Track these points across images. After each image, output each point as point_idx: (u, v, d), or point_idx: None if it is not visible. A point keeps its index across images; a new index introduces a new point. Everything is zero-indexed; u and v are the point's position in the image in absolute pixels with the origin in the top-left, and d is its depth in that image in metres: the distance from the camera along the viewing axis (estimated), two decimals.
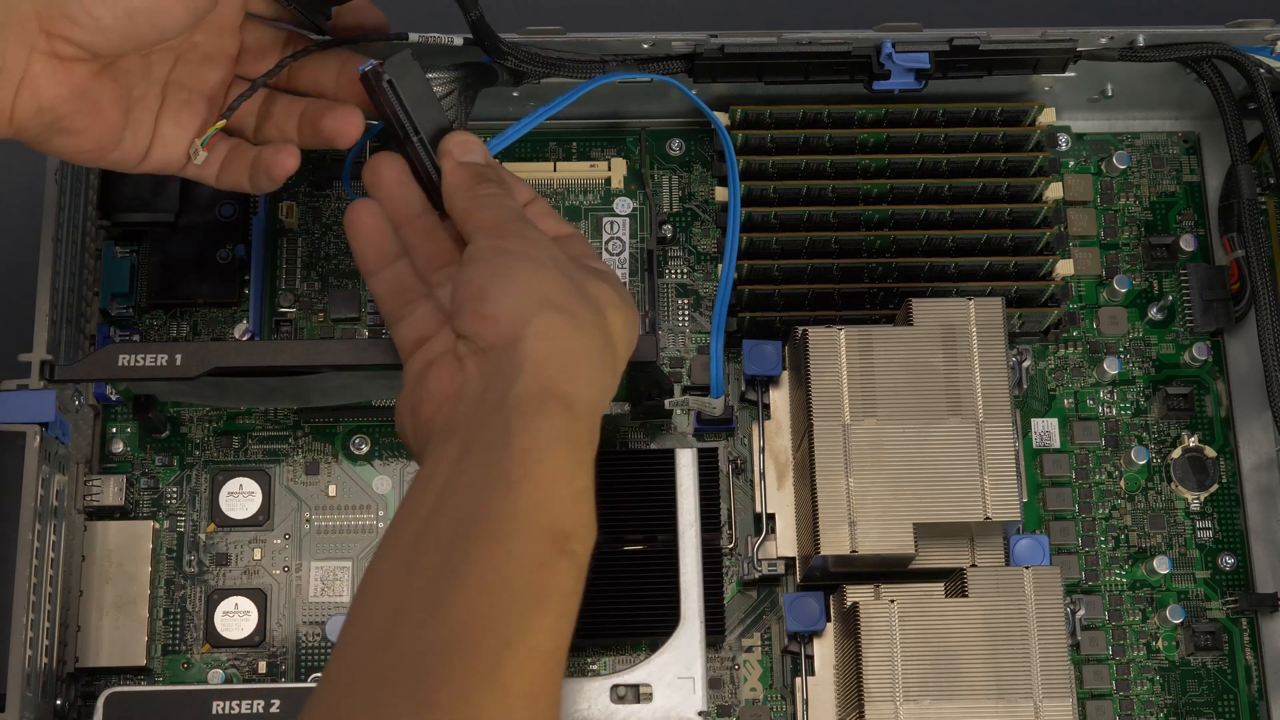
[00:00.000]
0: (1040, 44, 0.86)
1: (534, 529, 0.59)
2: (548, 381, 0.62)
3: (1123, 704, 0.85)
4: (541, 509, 0.60)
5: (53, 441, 0.80)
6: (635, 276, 0.90)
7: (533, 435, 0.61)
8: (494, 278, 0.65)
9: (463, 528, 0.59)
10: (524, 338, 0.63)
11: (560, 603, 0.60)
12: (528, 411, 0.61)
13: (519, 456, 0.60)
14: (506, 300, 0.64)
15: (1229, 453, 0.89)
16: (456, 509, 0.60)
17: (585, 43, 0.84)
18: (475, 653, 0.57)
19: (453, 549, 0.59)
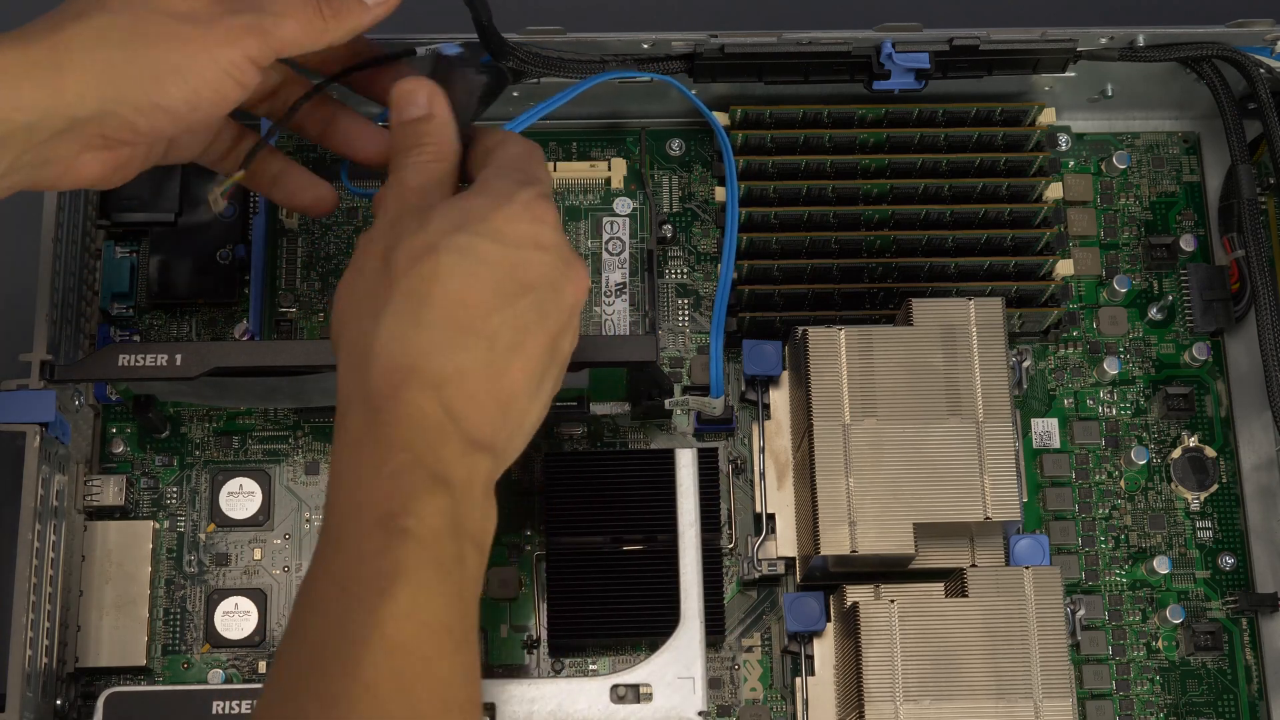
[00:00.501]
0: (1040, 44, 0.86)
1: (359, 527, 0.60)
2: (349, 390, 0.64)
3: (1123, 704, 0.85)
4: (361, 506, 0.61)
5: (53, 441, 0.80)
6: (635, 276, 0.90)
7: (342, 446, 0.63)
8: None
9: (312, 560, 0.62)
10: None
11: (409, 586, 0.59)
12: (339, 428, 0.64)
13: (337, 470, 0.63)
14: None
15: (1229, 453, 0.89)
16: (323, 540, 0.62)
17: (585, 43, 0.84)
18: (332, 658, 0.58)
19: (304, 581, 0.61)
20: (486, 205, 0.66)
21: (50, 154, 0.67)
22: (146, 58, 0.66)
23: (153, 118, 0.67)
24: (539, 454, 0.87)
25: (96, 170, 0.69)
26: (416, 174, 0.70)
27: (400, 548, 0.59)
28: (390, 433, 0.62)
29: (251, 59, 0.68)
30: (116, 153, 0.69)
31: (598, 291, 0.90)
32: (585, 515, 0.82)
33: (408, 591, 0.59)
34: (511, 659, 0.84)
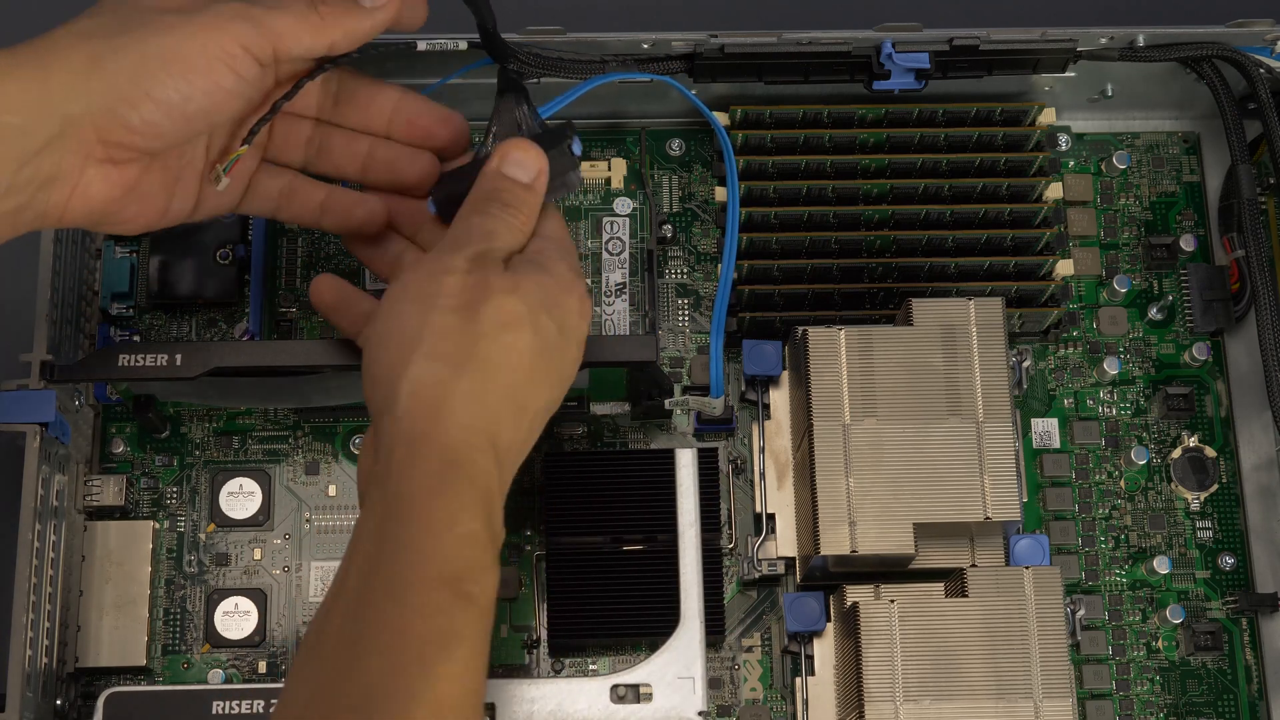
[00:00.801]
0: (1040, 44, 0.86)
1: (424, 580, 0.61)
2: (419, 432, 0.63)
3: (1123, 704, 0.85)
4: (427, 559, 0.61)
5: (53, 441, 0.80)
6: (635, 276, 0.90)
7: (409, 488, 0.62)
8: (382, 332, 0.66)
9: (360, 591, 0.61)
10: (398, 396, 0.64)
11: (464, 648, 0.61)
12: (403, 466, 0.63)
13: (400, 512, 0.62)
14: (385, 357, 0.66)
15: (1229, 453, 0.89)
16: (355, 574, 0.62)
17: (585, 43, 0.84)
18: (384, 712, 0.58)
19: (352, 614, 0.61)
20: (561, 290, 0.69)
21: (51, 168, 0.65)
22: (132, 47, 0.66)
23: (145, 111, 0.66)
24: (539, 454, 0.87)
25: (104, 189, 0.68)
26: (508, 233, 0.70)
27: (463, 613, 0.61)
28: (466, 494, 0.63)
29: (244, 47, 0.67)
30: (123, 169, 0.68)
31: (598, 291, 0.90)
32: (585, 515, 0.82)
33: (463, 655, 0.60)
34: (511, 659, 0.84)
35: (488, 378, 0.65)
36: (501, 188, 0.71)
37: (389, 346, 0.66)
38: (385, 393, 0.65)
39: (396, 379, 0.65)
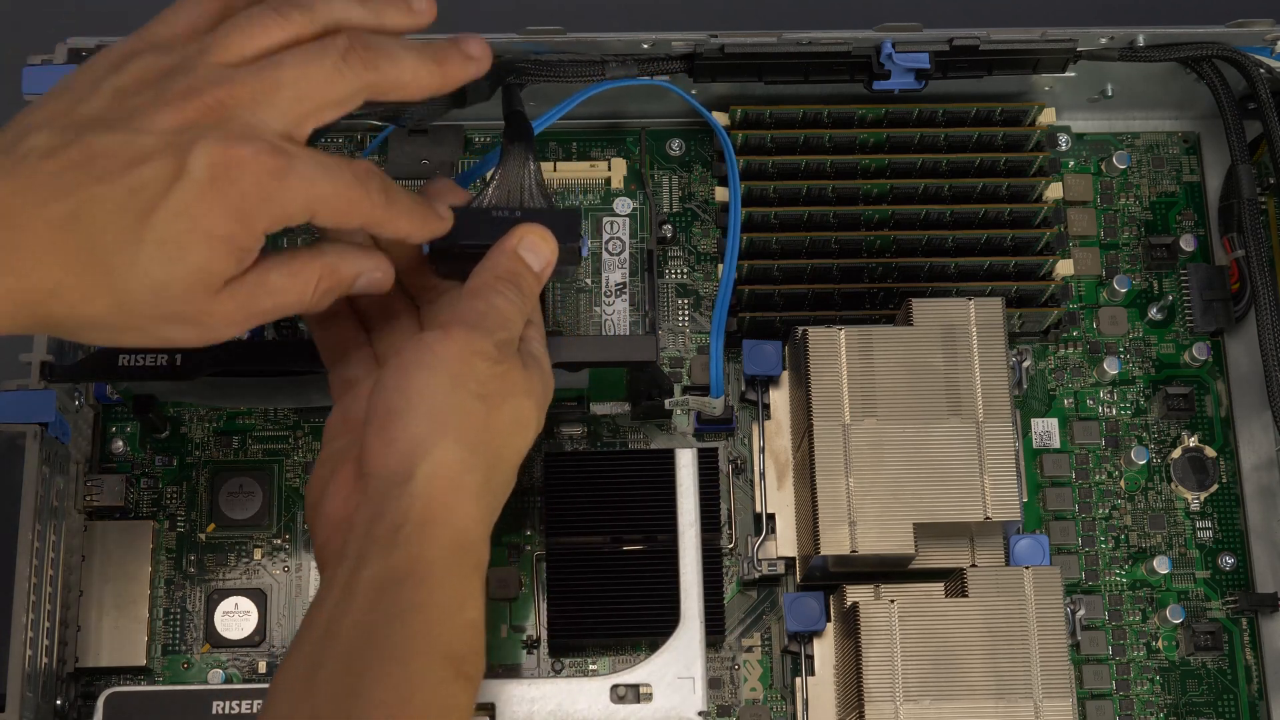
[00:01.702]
0: (1040, 44, 0.86)
1: (430, 652, 0.61)
2: (438, 516, 0.63)
3: (1123, 704, 0.85)
4: (436, 636, 0.62)
5: (53, 441, 0.80)
6: (635, 276, 0.90)
7: (420, 566, 0.62)
8: (407, 395, 0.65)
9: (359, 652, 0.60)
10: (418, 471, 0.64)
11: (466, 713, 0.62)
12: (412, 541, 0.62)
13: (409, 586, 0.62)
14: (411, 427, 0.64)
15: (1229, 453, 0.89)
16: (350, 633, 0.61)
17: (585, 43, 0.84)
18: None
19: (350, 671, 0.60)
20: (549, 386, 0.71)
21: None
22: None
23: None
24: (539, 454, 0.87)
25: None
26: (519, 321, 0.69)
27: (463, 692, 0.62)
28: (473, 580, 0.64)
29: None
30: None
31: (598, 291, 0.90)
32: (585, 515, 0.82)
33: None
34: (511, 659, 0.84)
35: (496, 471, 0.66)
36: (518, 271, 0.70)
37: (415, 417, 0.64)
38: (401, 462, 0.64)
39: (419, 453, 0.64)
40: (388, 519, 0.63)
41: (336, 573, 0.63)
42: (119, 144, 0.59)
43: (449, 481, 0.64)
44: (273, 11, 0.63)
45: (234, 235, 0.60)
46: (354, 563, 0.63)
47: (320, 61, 0.62)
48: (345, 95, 0.63)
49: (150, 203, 0.59)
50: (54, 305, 0.59)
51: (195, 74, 0.61)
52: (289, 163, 0.61)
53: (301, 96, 0.62)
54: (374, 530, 0.63)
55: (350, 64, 0.63)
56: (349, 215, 0.64)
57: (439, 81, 0.67)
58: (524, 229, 0.71)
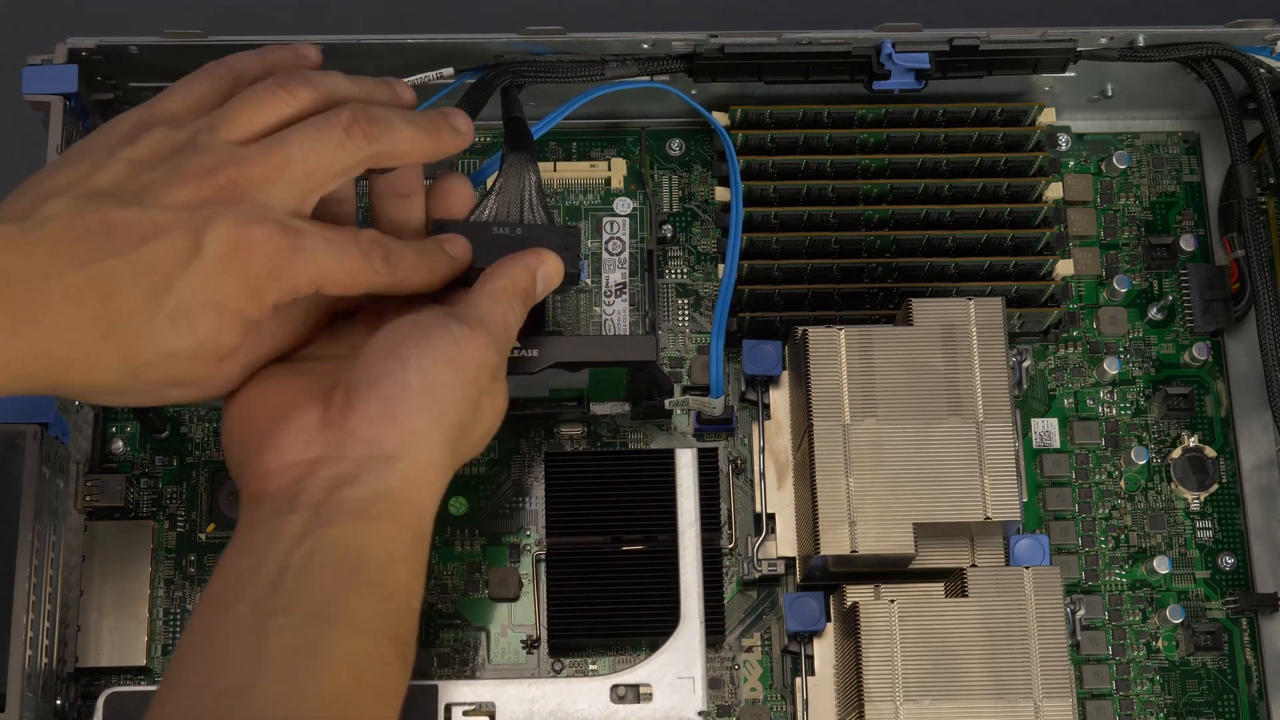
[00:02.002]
0: (1040, 44, 0.86)
1: (383, 632, 0.62)
2: (412, 501, 0.64)
3: (1123, 704, 0.85)
4: (390, 616, 0.63)
5: (53, 441, 0.80)
6: (635, 276, 0.90)
7: (392, 547, 0.63)
8: (427, 382, 0.65)
9: (318, 613, 0.61)
10: (409, 457, 0.64)
11: (395, 705, 0.62)
12: (389, 523, 0.63)
13: (376, 562, 0.62)
14: (418, 415, 0.65)
15: (1229, 453, 0.89)
16: (311, 594, 0.61)
17: (585, 43, 0.84)
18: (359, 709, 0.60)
19: (309, 629, 0.60)
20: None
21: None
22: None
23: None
24: (539, 454, 0.87)
25: None
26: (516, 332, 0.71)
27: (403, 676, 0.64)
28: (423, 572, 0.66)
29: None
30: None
31: (598, 291, 0.90)
32: (585, 515, 0.82)
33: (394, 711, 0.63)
34: (511, 659, 0.84)
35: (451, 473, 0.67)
36: (529, 290, 0.72)
37: (425, 406, 0.65)
38: (395, 442, 0.64)
39: (415, 442, 0.64)
40: (364, 487, 0.63)
41: (289, 519, 0.63)
42: (135, 218, 0.62)
43: (427, 477, 0.65)
44: (279, 88, 0.67)
45: (244, 310, 0.63)
46: (311, 516, 0.62)
47: (326, 136, 0.66)
48: (348, 167, 0.67)
49: (167, 277, 0.61)
50: (68, 372, 0.61)
51: (208, 153, 0.64)
52: (298, 241, 0.64)
53: (309, 172, 0.65)
54: (344, 492, 0.63)
55: (353, 137, 0.66)
56: (354, 287, 0.67)
57: (431, 151, 0.70)
58: (548, 259, 0.73)
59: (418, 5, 0.80)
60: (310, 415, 0.65)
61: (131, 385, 0.63)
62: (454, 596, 0.85)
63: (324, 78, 0.69)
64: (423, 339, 0.66)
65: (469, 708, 0.77)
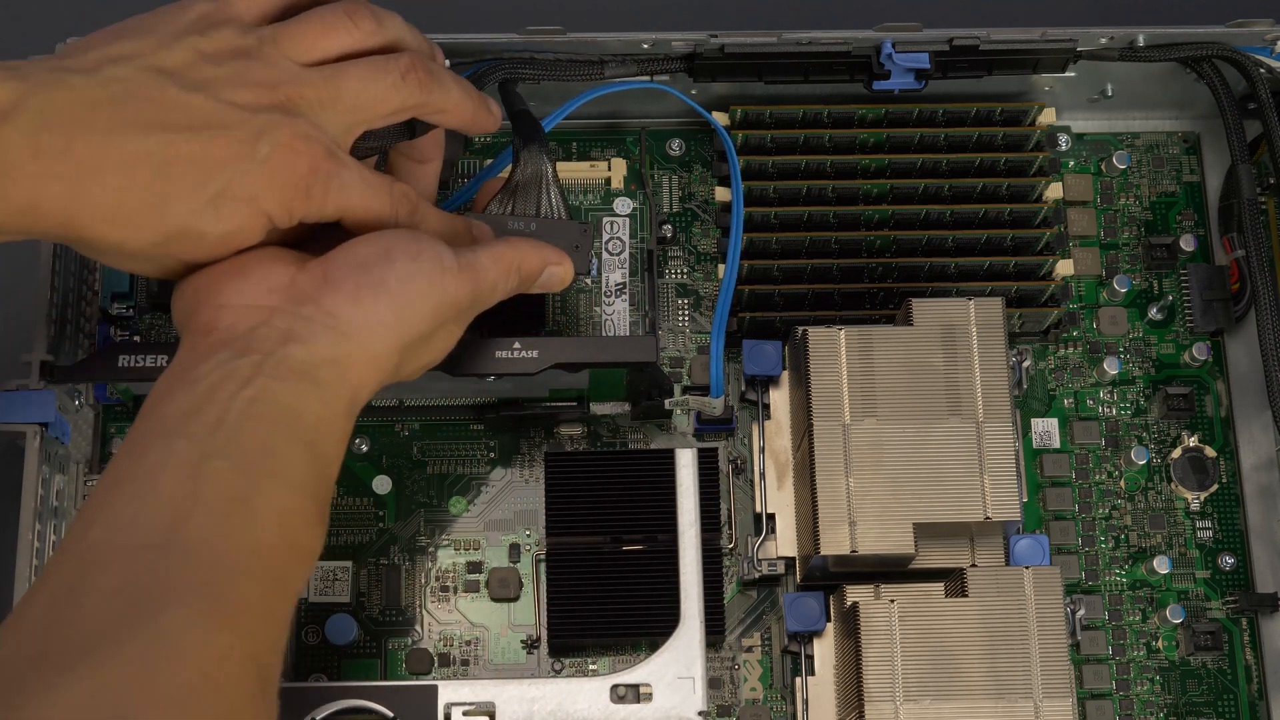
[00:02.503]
0: (1040, 44, 0.86)
1: (311, 491, 0.63)
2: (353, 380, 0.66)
3: (1123, 704, 0.85)
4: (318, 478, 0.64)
5: (53, 441, 0.80)
6: (635, 276, 0.90)
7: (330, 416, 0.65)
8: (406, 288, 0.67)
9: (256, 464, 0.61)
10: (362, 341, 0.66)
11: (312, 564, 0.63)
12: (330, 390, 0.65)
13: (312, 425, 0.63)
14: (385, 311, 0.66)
15: (1229, 453, 0.89)
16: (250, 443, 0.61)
17: (585, 43, 0.84)
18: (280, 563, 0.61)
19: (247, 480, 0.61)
20: None
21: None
22: None
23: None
24: (539, 454, 0.87)
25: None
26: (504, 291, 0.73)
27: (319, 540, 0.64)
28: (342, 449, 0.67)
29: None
30: None
31: (598, 291, 0.90)
32: (585, 515, 0.82)
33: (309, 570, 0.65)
34: (511, 659, 0.84)
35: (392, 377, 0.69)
36: (531, 276, 0.74)
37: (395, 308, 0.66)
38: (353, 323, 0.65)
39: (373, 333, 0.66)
40: (313, 350, 0.64)
41: (237, 363, 0.63)
42: (200, 104, 0.65)
43: (372, 365, 0.66)
44: (345, 16, 0.70)
45: (273, 214, 0.66)
46: (260, 363, 0.63)
47: (382, 78, 0.69)
48: (397, 109, 0.71)
49: (220, 164, 0.64)
50: (107, 229, 0.64)
51: (272, 66, 0.67)
52: (337, 169, 0.67)
53: (359, 106, 0.69)
54: (293, 349, 0.64)
55: (408, 83, 0.70)
56: (374, 229, 0.70)
57: (471, 119, 0.74)
58: (565, 263, 0.75)
59: (418, 5, 0.80)
60: (283, 270, 0.67)
61: (155, 254, 0.66)
62: (454, 596, 0.85)
63: (388, 17, 0.72)
64: (416, 250, 0.68)
65: (469, 708, 0.77)
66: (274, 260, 0.67)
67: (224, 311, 0.66)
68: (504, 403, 0.85)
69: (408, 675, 0.83)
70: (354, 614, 0.84)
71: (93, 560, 0.57)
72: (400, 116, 0.71)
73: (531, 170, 0.77)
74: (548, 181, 0.77)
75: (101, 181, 0.62)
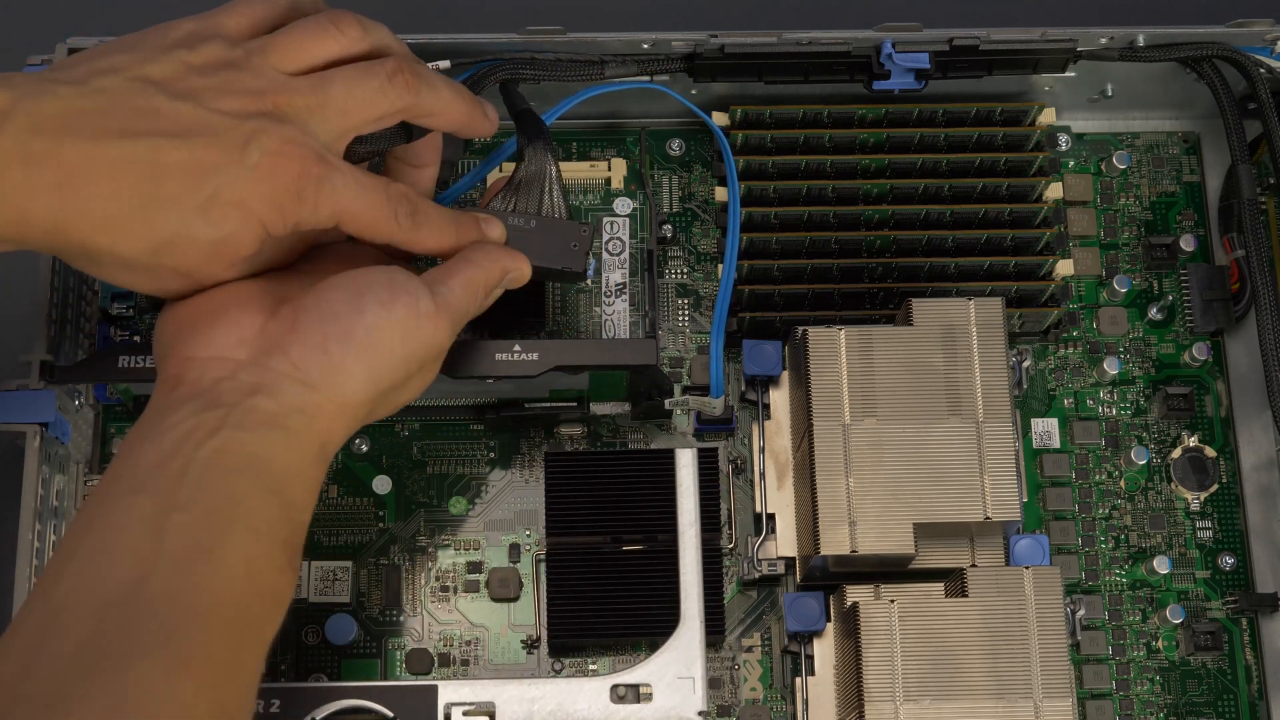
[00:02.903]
0: (1040, 44, 0.86)
1: (279, 539, 0.63)
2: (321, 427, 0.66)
3: (1123, 704, 0.85)
4: (286, 524, 0.64)
5: (53, 441, 0.80)
6: (635, 276, 0.90)
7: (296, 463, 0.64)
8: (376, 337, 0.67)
9: (219, 513, 0.61)
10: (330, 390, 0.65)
11: (282, 612, 0.63)
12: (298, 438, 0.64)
13: (278, 474, 0.63)
14: (351, 362, 0.66)
15: (1229, 453, 0.89)
16: (214, 493, 0.61)
17: (585, 43, 0.84)
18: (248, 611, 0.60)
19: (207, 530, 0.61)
20: None
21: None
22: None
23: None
24: (539, 454, 0.87)
25: None
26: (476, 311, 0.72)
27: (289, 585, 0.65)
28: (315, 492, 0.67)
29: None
30: None
31: (598, 291, 0.90)
32: (585, 515, 0.82)
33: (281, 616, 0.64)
34: (511, 659, 0.84)
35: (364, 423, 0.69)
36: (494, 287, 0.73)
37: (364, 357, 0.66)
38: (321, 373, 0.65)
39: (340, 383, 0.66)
40: (279, 401, 0.64)
41: (203, 416, 0.63)
42: (187, 112, 0.65)
43: (342, 414, 0.66)
44: (331, 24, 0.70)
45: (267, 220, 0.66)
46: (226, 419, 0.63)
47: (369, 82, 0.69)
48: (385, 113, 0.70)
49: (208, 170, 0.64)
50: (98, 236, 0.64)
51: (259, 76, 0.67)
52: (328, 173, 0.67)
53: (347, 110, 0.69)
54: (259, 400, 0.64)
55: (395, 85, 0.70)
56: (373, 232, 0.70)
57: (464, 120, 0.74)
58: (522, 265, 0.74)
59: (418, 5, 0.80)
60: (252, 319, 0.67)
61: (148, 263, 0.65)
62: (454, 596, 0.85)
63: (374, 25, 0.72)
64: (389, 297, 0.67)
65: (469, 708, 0.78)
66: (246, 305, 0.67)
67: (192, 364, 0.66)
68: (504, 403, 0.85)
69: (408, 675, 0.83)
70: (354, 614, 0.84)
71: (58, 617, 0.58)
72: (390, 120, 0.71)
73: (535, 168, 0.77)
74: (550, 181, 0.77)
75: (91, 188, 0.62)
